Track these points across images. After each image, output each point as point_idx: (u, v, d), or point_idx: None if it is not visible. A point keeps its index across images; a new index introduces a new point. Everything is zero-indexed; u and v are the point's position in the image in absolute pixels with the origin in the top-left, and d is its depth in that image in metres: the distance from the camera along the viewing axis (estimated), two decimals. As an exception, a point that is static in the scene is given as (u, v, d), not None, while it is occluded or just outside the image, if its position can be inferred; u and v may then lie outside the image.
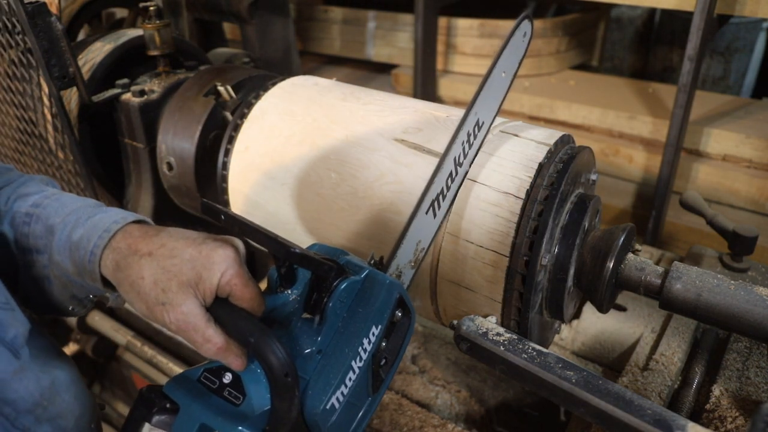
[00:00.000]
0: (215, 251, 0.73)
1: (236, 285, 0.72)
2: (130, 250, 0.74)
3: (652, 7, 3.36)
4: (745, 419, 1.08)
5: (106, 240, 0.75)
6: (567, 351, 1.51)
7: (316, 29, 3.54)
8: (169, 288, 0.71)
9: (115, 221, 0.78)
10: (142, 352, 1.85)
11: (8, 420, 0.61)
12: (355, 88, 1.35)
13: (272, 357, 0.67)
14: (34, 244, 0.81)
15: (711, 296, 0.95)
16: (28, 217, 0.81)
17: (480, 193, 1.02)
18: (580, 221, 1.03)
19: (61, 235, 0.78)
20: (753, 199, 2.27)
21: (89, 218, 0.79)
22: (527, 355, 0.91)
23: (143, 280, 0.72)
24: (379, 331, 0.77)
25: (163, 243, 0.74)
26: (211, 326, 0.71)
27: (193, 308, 0.71)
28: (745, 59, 3.41)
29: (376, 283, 0.79)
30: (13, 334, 0.63)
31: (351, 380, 0.75)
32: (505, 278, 1.00)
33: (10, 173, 0.87)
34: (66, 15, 1.88)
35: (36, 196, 0.84)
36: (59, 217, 0.80)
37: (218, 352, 0.71)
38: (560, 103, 2.72)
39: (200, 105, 1.43)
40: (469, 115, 0.99)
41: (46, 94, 1.46)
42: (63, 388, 0.69)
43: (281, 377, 0.68)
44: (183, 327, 0.71)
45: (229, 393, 0.73)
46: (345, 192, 1.16)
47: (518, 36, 1.07)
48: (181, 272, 0.71)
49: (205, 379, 0.75)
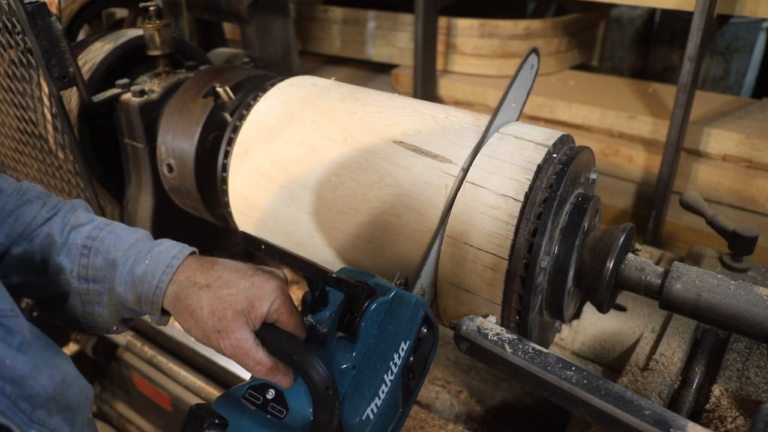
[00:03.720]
0: (267, 283, 0.81)
1: (283, 313, 0.81)
2: (189, 282, 0.82)
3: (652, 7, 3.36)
4: (745, 419, 1.08)
5: (170, 275, 0.83)
6: (567, 351, 1.51)
7: (316, 29, 3.53)
8: (224, 317, 0.78)
9: (174, 256, 0.85)
10: (142, 352, 1.85)
11: (25, 414, 0.64)
12: (354, 88, 1.35)
13: (314, 373, 0.75)
14: (93, 275, 0.87)
15: (711, 296, 0.95)
16: (86, 250, 0.87)
17: (479, 196, 1.02)
18: (579, 222, 1.03)
19: (122, 269, 0.85)
20: (753, 199, 2.27)
21: (149, 252, 0.86)
22: (527, 355, 0.91)
23: (202, 309, 0.80)
24: (407, 346, 0.83)
25: (219, 276, 0.82)
26: (260, 350, 0.79)
27: (245, 335, 0.78)
28: (745, 59, 3.41)
29: (403, 302, 0.86)
30: (20, 340, 0.66)
31: (383, 392, 0.81)
32: (504, 281, 1.00)
33: (50, 199, 0.92)
34: (66, 15, 1.88)
35: (89, 227, 0.89)
36: (119, 251, 0.87)
37: (268, 373, 0.79)
38: (560, 103, 2.72)
39: (199, 106, 1.43)
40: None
41: (46, 94, 1.46)
42: (72, 382, 0.72)
43: (323, 391, 0.75)
44: (236, 352, 0.79)
45: (273, 408, 0.81)
46: (344, 194, 1.16)
47: (526, 69, 1.16)
48: (236, 302, 0.79)
49: (250, 396, 0.83)
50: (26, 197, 0.90)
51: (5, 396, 0.62)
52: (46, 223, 0.88)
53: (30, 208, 0.89)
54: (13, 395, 0.63)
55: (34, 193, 0.91)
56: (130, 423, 2.24)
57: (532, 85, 1.21)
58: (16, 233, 0.87)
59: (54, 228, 0.88)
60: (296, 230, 1.25)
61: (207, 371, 1.73)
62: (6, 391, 0.62)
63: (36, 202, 0.90)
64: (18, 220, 0.87)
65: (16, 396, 0.63)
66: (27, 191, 0.91)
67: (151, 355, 1.82)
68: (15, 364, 0.63)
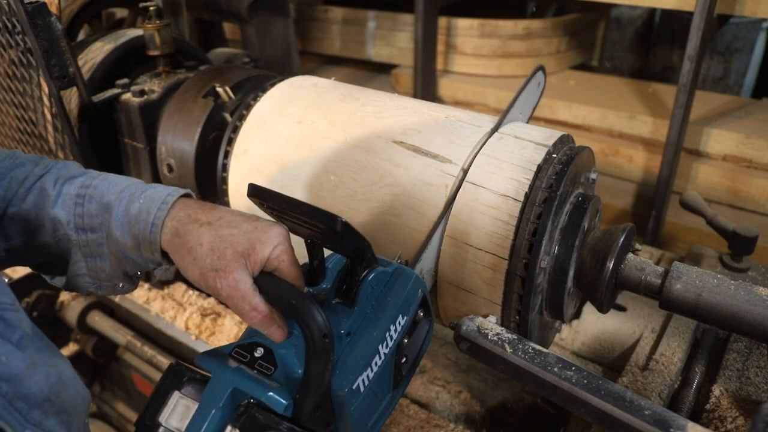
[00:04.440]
0: (271, 228, 0.79)
1: (284, 261, 0.78)
2: (189, 218, 0.80)
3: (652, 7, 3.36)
4: (745, 419, 1.08)
5: (165, 210, 0.81)
6: (567, 351, 1.51)
7: (316, 29, 3.54)
8: (224, 256, 0.75)
9: (169, 194, 0.83)
10: (142, 352, 1.85)
11: (21, 414, 0.63)
12: (354, 88, 1.35)
13: (311, 319, 0.70)
14: (89, 223, 0.85)
15: (711, 296, 0.95)
16: (80, 198, 0.85)
17: (479, 196, 1.02)
18: (579, 222, 1.03)
19: (117, 210, 0.83)
20: (753, 199, 2.27)
21: (143, 192, 0.84)
22: (527, 355, 0.91)
23: (201, 246, 0.77)
24: (404, 321, 0.81)
25: (221, 215, 0.80)
26: (258, 296, 0.76)
27: (243, 276, 0.75)
28: (745, 59, 3.41)
29: (404, 276, 0.84)
30: (20, 334, 0.65)
31: (377, 365, 0.78)
32: (504, 281, 1.00)
33: (43, 161, 0.91)
34: (66, 15, 1.88)
35: (82, 178, 0.88)
36: (113, 195, 0.85)
37: (262, 321, 0.76)
38: (560, 103, 2.72)
39: (199, 106, 1.43)
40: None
41: (46, 94, 1.46)
42: (69, 383, 0.71)
43: (320, 338, 0.71)
44: (232, 294, 0.75)
45: (260, 365, 0.77)
46: (344, 194, 1.16)
47: (533, 85, 1.19)
48: (237, 242, 0.76)
49: (237, 354, 0.79)
50: (19, 160, 0.89)
51: (1, 395, 0.61)
52: (39, 180, 0.87)
53: (23, 169, 0.88)
54: (8, 394, 0.61)
55: (27, 157, 0.90)
56: (130, 423, 2.24)
57: (538, 101, 1.23)
58: (11, 194, 0.86)
59: (47, 182, 0.86)
60: (296, 230, 1.25)
61: (207, 371, 1.73)
62: (2, 390, 0.61)
63: (28, 163, 0.89)
64: (12, 181, 0.86)
65: (12, 395, 0.62)
66: (19, 156, 0.90)
67: (151, 355, 1.82)
68: (12, 361, 0.62)
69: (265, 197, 0.79)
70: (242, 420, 0.72)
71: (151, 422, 0.76)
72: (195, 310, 1.68)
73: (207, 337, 1.67)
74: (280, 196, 0.77)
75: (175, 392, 0.76)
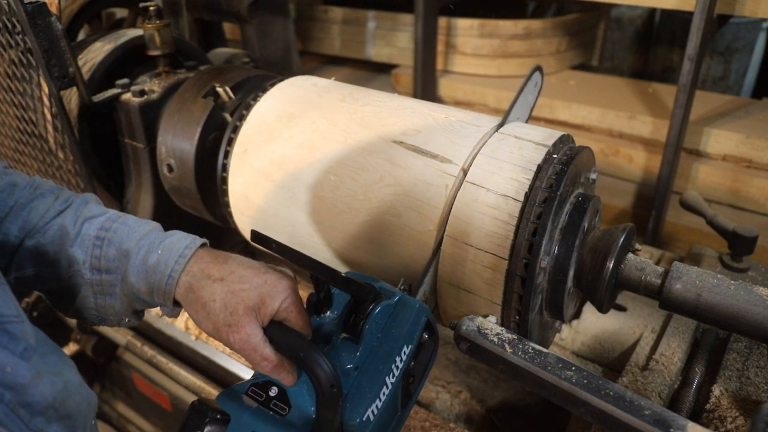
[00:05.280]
0: (279, 281, 0.83)
1: (292, 312, 0.82)
2: (203, 274, 0.84)
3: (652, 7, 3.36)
4: (745, 419, 1.08)
5: (183, 264, 0.84)
6: (567, 351, 1.51)
7: (316, 29, 3.54)
8: (236, 311, 0.80)
9: (187, 246, 0.86)
10: (142, 352, 1.85)
11: (23, 422, 0.64)
12: (353, 88, 1.35)
13: (320, 370, 0.75)
14: (106, 266, 0.88)
15: (711, 296, 0.95)
16: (99, 240, 0.88)
17: (479, 196, 1.02)
18: (579, 222, 1.02)
19: (135, 259, 0.86)
20: (753, 199, 2.27)
21: (161, 242, 0.87)
22: (527, 355, 0.91)
23: (215, 302, 0.81)
24: (409, 350, 0.85)
25: (232, 270, 0.84)
26: (268, 346, 0.80)
27: (254, 330, 0.80)
28: (745, 59, 3.41)
29: (407, 307, 0.87)
30: (23, 346, 0.65)
31: (385, 394, 0.81)
32: (504, 281, 1.00)
33: (63, 193, 0.93)
34: (66, 15, 1.88)
35: (101, 219, 0.90)
36: (132, 242, 0.88)
37: (273, 369, 0.80)
38: (560, 103, 2.72)
39: (199, 106, 1.43)
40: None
41: (46, 94, 1.46)
42: (74, 390, 0.72)
43: (328, 388, 0.75)
44: (245, 347, 0.80)
45: (275, 405, 0.81)
46: (344, 194, 1.16)
47: (530, 86, 1.21)
48: (248, 297, 0.80)
49: (252, 392, 0.83)
50: (39, 191, 0.91)
51: (4, 403, 0.61)
52: (59, 215, 0.89)
53: (43, 202, 0.90)
54: (11, 402, 0.62)
55: (47, 187, 0.92)
56: (130, 423, 2.24)
57: (536, 101, 1.24)
58: (30, 226, 0.87)
59: (67, 220, 0.88)
60: (296, 230, 1.25)
61: (207, 371, 1.73)
62: (5, 398, 0.61)
63: (49, 195, 0.91)
64: (31, 213, 0.88)
65: (15, 403, 0.62)
66: (40, 185, 0.92)
67: (151, 355, 1.82)
68: (16, 371, 0.63)
69: (268, 245, 0.83)
70: None
71: None
72: (195, 310, 1.67)
73: (207, 338, 1.68)
74: (282, 246, 0.82)
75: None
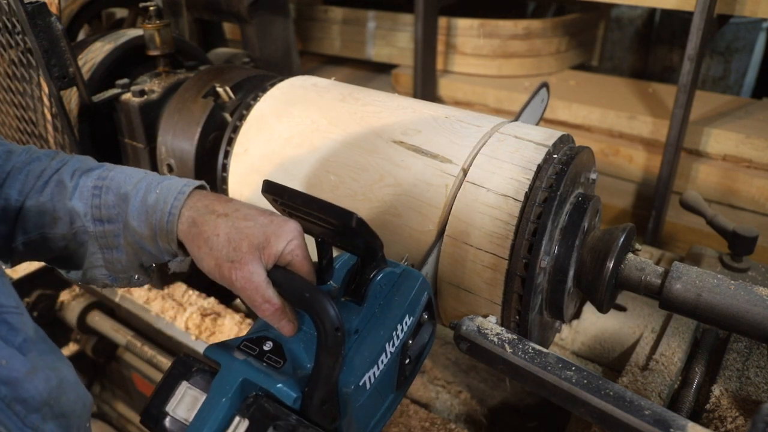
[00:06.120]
0: (286, 222, 0.80)
1: (297, 255, 0.79)
2: (207, 209, 0.82)
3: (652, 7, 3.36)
4: (745, 419, 1.08)
5: (182, 200, 0.83)
6: (567, 351, 1.51)
7: (316, 29, 3.54)
8: (239, 247, 0.77)
9: (185, 184, 0.85)
10: (142, 352, 1.85)
11: (19, 418, 0.63)
12: (354, 88, 1.35)
13: (325, 312, 0.71)
14: (106, 214, 0.86)
15: (711, 296, 0.95)
16: (97, 189, 0.87)
17: (479, 196, 1.02)
18: (579, 222, 1.02)
19: (134, 201, 0.85)
20: (753, 199, 2.27)
21: (159, 183, 0.85)
22: (527, 355, 0.91)
23: (218, 237, 0.78)
24: (411, 322, 0.83)
25: (237, 208, 0.82)
26: (271, 288, 0.77)
27: (258, 269, 0.77)
28: (745, 59, 3.41)
29: (412, 277, 0.85)
30: (22, 338, 0.65)
31: (383, 363, 0.79)
32: (504, 281, 1.00)
33: (59, 155, 0.93)
34: (66, 15, 1.88)
35: (98, 170, 0.89)
36: (130, 185, 0.86)
37: (274, 313, 0.77)
38: (560, 103, 2.72)
39: (199, 106, 1.43)
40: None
41: (46, 94, 1.46)
42: (69, 388, 0.71)
43: (332, 331, 0.71)
44: (246, 285, 0.76)
45: (269, 358, 0.77)
46: (344, 194, 1.16)
47: (536, 101, 1.24)
48: (253, 234, 0.78)
49: (245, 347, 0.79)
50: (35, 155, 0.91)
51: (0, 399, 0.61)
52: (56, 172, 0.89)
53: (39, 163, 0.89)
54: (7, 398, 0.61)
55: (43, 151, 0.92)
56: (130, 423, 2.24)
57: (542, 116, 1.25)
58: (29, 187, 0.87)
59: (64, 175, 0.88)
60: (296, 230, 1.25)
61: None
62: (0, 393, 0.61)
63: (45, 158, 0.91)
64: (29, 175, 0.88)
65: (11, 398, 0.62)
66: (35, 150, 0.92)
67: (151, 355, 1.82)
68: (12, 364, 0.62)
69: (280, 194, 0.80)
70: (251, 410, 0.72)
71: (157, 411, 0.76)
72: (195, 310, 1.68)
73: (207, 337, 1.68)
74: (295, 192, 0.79)
75: (183, 382, 0.76)
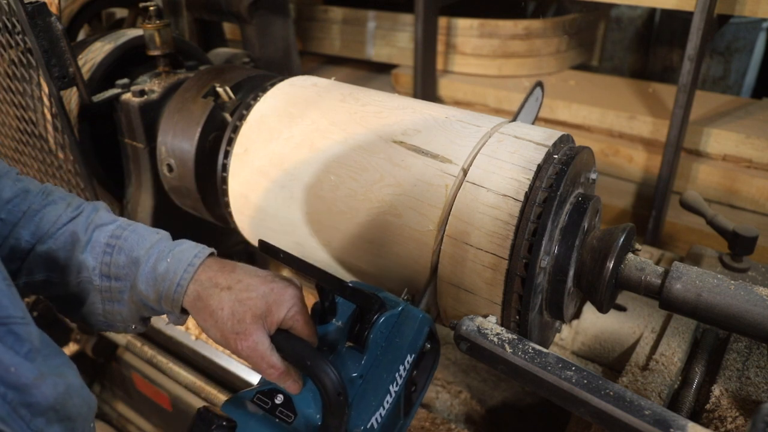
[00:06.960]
0: (285, 290, 0.85)
1: (298, 321, 0.84)
2: (211, 282, 0.85)
3: (652, 7, 3.36)
4: (745, 419, 1.08)
5: (192, 273, 0.86)
6: (567, 351, 1.51)
7: (316, 29, 3.54)
8: (243, 319, 0.82)
9: (195, 255, 0.88)
10: (142, 352, 1.85)
11: (24, 421, 0.65)
12: (354, 88, 1.35)
13: (327, 378, 0.77)
14: (115, 272, 0.90)
15: (711, 296, 0.95)
16: (110, 248, 0.90)
17: (479, 196, 1.02)
18: (579, 222, 1.02)
19: (145, 266, 0.88)
20: (753, 199, 2.27)
21: (170, 251, 0.89)
22: (527, 355, 0.91)
23: (222, 311, 0.83)
24: (412, 359, 0.86)
25: (239, 279, 0.85)
26: (275, 354, 0.82)
27: (261, 338, 0.82)
28: (745, 59, 3.41)
29: (411, 317, 0.89)
30: (28, 348, 0.66)
31: (388, 402, 0.83)
32: (504, 281, 1.00)
33: (74, 201, 0.95)
34: (66, 15, 1.88)
35: (112, 226, 0.93)
36: (142, 250, 0.89)
37: (279, 377, 0.82)
38: (560, 103, 2.72)
39: (199, 106, 1.43)
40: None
41: (46, 94, 1.46)
42: (75, 392, 0.73)
43: (335, 396, 0.77)
44: (252, 354, 0.82)
45: (281, 412, 0.83)
46: (344, 194, 1.16)
47: (531, 101, 1.26)
48: (255, 306, 0.82)
49: (258, 400, 0.85)
50: (51, 198, 0.93)
51: (6, 402, 0.62)
52: (70, 222, 0.91)
53: (55, 208, 0.92)
54: (13, 402, 0.63)
55: (59, 194, 0.95)
56: (130, 423, 2.24)
57: (537, 114, 1.26)
58: (42, 232, 0.89)
59: (78, 226, 0.91)
60: (296, 230, 1.25)
61: (207, 371, 1.73)
62: (7, 398, 0.62)
63: (60, 202, 0.93)
64: (43, 219, 0.90)
65: (17, 402, 0.63)
66: (51, 192, 0.94)
67: (151, 355, 1.82)
68: (20, 371, 0.64)
69: (275, 255, 0.85)
70: None
71: None
72: (195, 310, 1.68)
73: (207, 337, 1.67)
74: (290, 256, 0.85)
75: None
